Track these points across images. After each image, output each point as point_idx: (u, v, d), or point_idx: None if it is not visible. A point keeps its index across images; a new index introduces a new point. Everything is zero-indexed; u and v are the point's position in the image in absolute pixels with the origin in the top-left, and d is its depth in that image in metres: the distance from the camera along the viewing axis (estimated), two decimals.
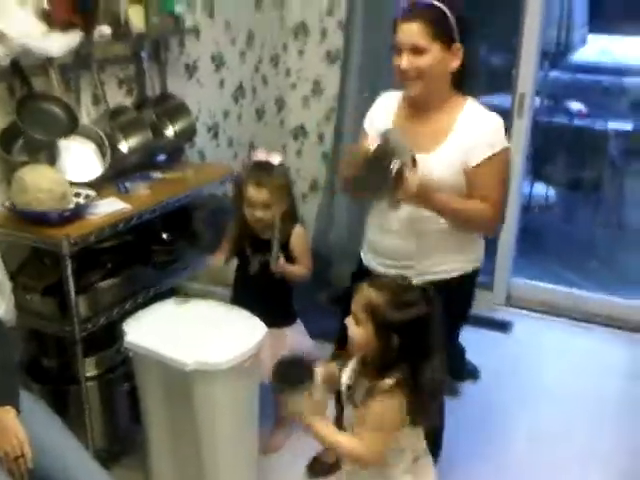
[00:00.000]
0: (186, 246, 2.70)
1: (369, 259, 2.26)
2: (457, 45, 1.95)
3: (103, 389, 2.39)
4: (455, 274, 2.11)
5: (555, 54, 5.67)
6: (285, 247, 2.43)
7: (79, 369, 2.23)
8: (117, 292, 2.35)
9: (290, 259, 2.44)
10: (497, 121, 2.00)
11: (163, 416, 2.31)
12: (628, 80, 5.73)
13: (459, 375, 3.09)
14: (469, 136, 1.96)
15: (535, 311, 3.71)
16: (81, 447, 1.85)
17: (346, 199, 3.62)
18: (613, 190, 5.12)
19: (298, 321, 2.60)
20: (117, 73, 2.68)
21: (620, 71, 5.74)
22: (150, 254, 2.59)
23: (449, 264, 2.10)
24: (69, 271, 2.08)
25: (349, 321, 1.65)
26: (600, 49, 6.42)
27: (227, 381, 2.15)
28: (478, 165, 1.96)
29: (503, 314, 3.71)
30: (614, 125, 5.00)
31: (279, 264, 2.37)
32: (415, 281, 2.07)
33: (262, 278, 2.43)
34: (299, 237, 2.47)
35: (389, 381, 1.57)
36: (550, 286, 3.87)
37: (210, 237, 2.78)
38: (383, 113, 2.16)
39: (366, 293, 1.63)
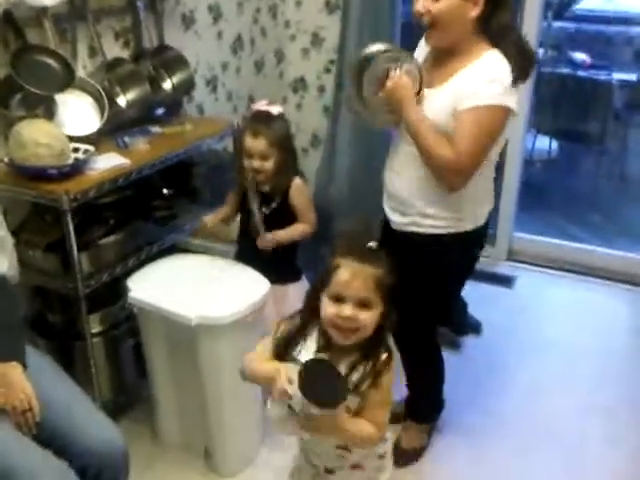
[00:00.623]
0: (186, 202, 2.68)
1: (384, 203, 2.26)
2: None
3: (108, 345, 2.39)
4: (441, 231, 2.07)
5: (559, 4, 5.55)
6: (284, 201, 2.40)
7: (84, 325, 2.23)
8: (119, 248, 2.33)
9: (290, 214, 2.41)
10: (501, 76, 1.86)
11: (168, 370, 2.32)
12: (633, 30, 5.63)
13: (461, 329, 3.10)
14: (467, 82, 1.90)
15: (537, 265, 3.70)
16: (88, 399, 1.86)
17: (348, 153, 3.59)
18: (616, 142, 5.07)
19: (303, 278, 2.59)
20: (113, 24, 2.61)
21: (624, 20, 5.63)
22: (151, 210, 2.58)
23: (428, 218, 2.06)
24: (70, 227, 2.06)
25: (354, 312, 1.50)
26: None
27: (231, 335, 2.16)
28: (461, 111, 1.88)
29: (505, 269, 3.71)
30: (618, 76, 4.92)
31: (266, 240, 2.35)
32: (410, 229, 2.11)
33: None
34: (298, 190, 2.42)
35: (384, 354, 1.56)
36: (553, 240, 3.86)
37: (210, 193, 2.76)
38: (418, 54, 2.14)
39: (368, 272, 1.50)
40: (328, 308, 1.52)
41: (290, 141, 2.44)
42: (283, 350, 1.62)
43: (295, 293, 2.53)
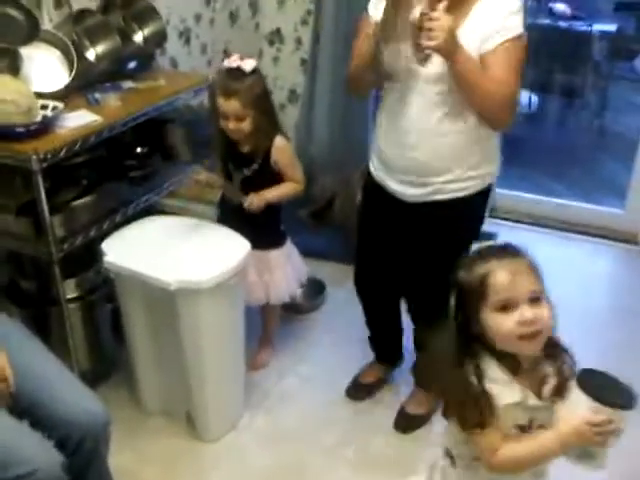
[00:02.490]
0: (162, 161, 2.59)
1: (382, 176, 2.14)
2: None
3: (85, 311, 2.32)
4: (471, 191, 2.05)
5: None
6: (266, 162, 2.31)
7: (59, 291, 2.16)
8: (93, 210, 2.25)
9: (272, 175, 2.33)
10: (517, 5, 1.88)
11: (147, 336, 2.27)
12: None
13: None
14: (490, 19, 1.85)
15: (518, 222, 3.68)
16: (65, 368, 1.80)
17: (327, 108, 3.50)
18: (596, 95, 5.03)
19: (288, 243, 2.52)
20: None
21: None
22: (125, 170, 2.48)
23: (465, 181, 2.03)
24: (41, 189, 1.97)
25: (534, 312, 1.33)
26: None
27: (212, 299, 2.10)
28: (495, 48, 1.84)
29: (487, 225, 3.66)
30: (598, 27, 4.85)
31: (252, 203, 2.26)
32: (432, 198, 2.03)
33: (245, 195, 2.32)
34: (281, 150, 2.32)
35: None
36: (533, 197, 3.83)
37: (186, 150, 2.66)
38: None
39: (523, 263, 1.37)
40: (503, 323, 1.31)
41: (267, 99, 2.31)
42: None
43: (280, 258, 2.48)
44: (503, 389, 1.35)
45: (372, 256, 2.31)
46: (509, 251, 1.37)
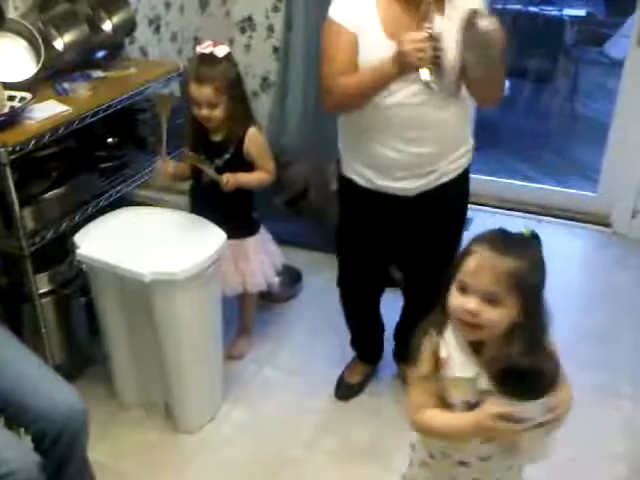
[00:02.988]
0: (133, 151, 2.56)
1: (377, 182, 2.05)
2: None
3: (58, 305, 2.28)
4: (465, 165, 2.09)
5: None
6: (238, 152, 2.29)
7: (31, 286, 2.12)
8: (64, 203, 2.21)
9: (244, 165, 2.31)
10: None
11: (123, 328, 2.24)
12: None
13: None
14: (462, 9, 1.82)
15: (492, 207, 3.69)
16: (41, 362, 1.78)
17: (300, 96, 3.47)
18: (567, 80, 5.06)
19: (262, 230, 2.51)
20: None
21: None
22: (95, 161, 2.45)
23: (462, 157, 2.06)
24: (10, 182, 1.94)
25: (477, 307, 1.32)
26: None
27: (187, 291, 2.08)
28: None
29: None
30: (568, 12, 4.88)
31: (226, 182, 2.22)
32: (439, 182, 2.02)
33: (218, 186, 2.29)
34: (253, 140, 2.30)
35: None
36: (506, 181, 3.86)
37: (158, 140, 2.63)
38: (358, 5, 1.92)
39: (500, 264, 1.31)
40: (453, 298, 1.36)
41: (240, 86, 2.29)
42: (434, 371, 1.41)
43: (255, 246, 2.46)
44: (459, 362, 1.39)
45: (363, 259, 2.27)
46: (504, 247, 1.34)
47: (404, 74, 1.79)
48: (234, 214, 2.32)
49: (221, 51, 2.21)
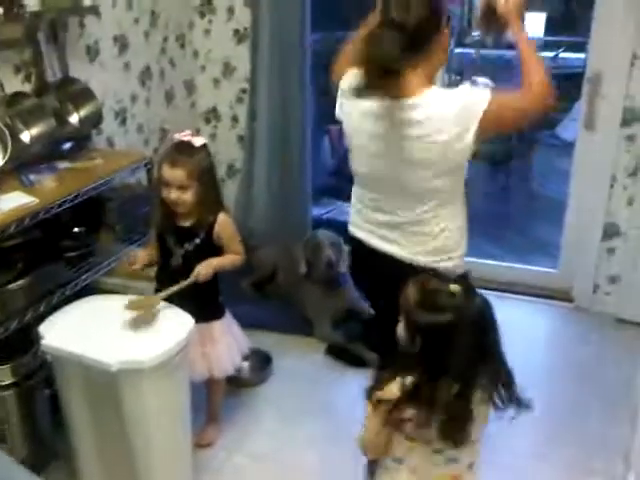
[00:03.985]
0: (100, 239, 2.57)
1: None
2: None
3: (22, 397, 2.22)
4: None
5: (459, 33, 5.74)
6: (208, 237, 2.32)
7: None
8: (29, 293, 2.20)
9: (214, 250, 2.34)
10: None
11: (89, 420, 2.18)
12: None
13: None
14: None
15: None
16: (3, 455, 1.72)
17: (265, 182, 3.55)
18: (522, 161, 5.26)
19: (227, 314, 2.50)
20: (12, 57, 2.49)
21: None
22: (61, 250, 2.45)
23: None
24: None
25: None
26: None
27: (156, 379, 2.04)
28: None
29: None
30: None
31: (199, 274, 2.26)
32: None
33: (186, 271, 2.30)
34: (224, 225, 2.33)
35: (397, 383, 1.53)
36: (469, 259, 3.91)
37: (124, 228, 2.65)
38: None
39: (408, 288, 1.56)
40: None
41: (212, 174, 2.33)
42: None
43: (221, 330, 2.45)
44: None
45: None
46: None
47: None
48: (201, 298, 2.32)
49: (198, 141, 2.28)
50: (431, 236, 1.97)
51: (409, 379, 1.51)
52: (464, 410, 1.51)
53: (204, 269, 2.27)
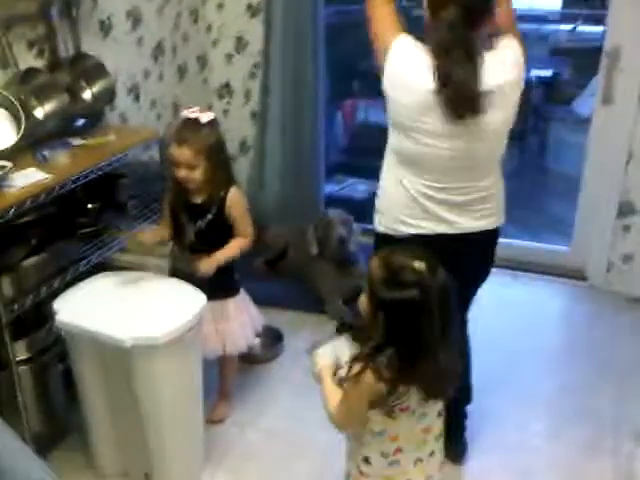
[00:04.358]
0: (113, 216, 2.58)
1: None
2: None
3: (36, 372, 2.25)
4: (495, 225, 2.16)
5: None
6: (220, 213, 2.32)
7: (9, 353, 2.09)
8: (43, 269, 2.21)
9: (227, 226, 2.34)
10: None
11: (102, 395, 2.21)
12: (546, 27, 5.79)
13: None
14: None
15: None
16: (15, 437, 1.74)
17: (278, 160, 3.55)
18: (538, 137, 5.20)
19: (242, 292, 2.51)
20: (25, 33, 2.47)
21: (538, 18, 5.78)
22: (75, 227, 2.46)
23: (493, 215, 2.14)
24: None
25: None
26: None
27: (168, 355, 2.07)
28: None
29: None
30: (535, 72, 5.05)
31: (204, 268, 2.26)
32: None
33: (199, 248, 2.31)
34: (234, 201, 2.32)
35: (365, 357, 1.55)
36: None
37: (138, 205, 2.65)
38: None
39: (370, 262, 1.59)
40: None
41: (220, 150, 2.31)
42: None
43: (236, 308, 2.46)
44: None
45: None
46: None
47: None
48: (215, 276, 2.32)
49: (205, 117, 2.25)
50: (497, 201, 2.16)
51: (381, 358, 1.52)
52: (440, 372, 1.54)
53: (206, 265, 2.27)
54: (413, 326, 1.50)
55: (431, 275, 1.51)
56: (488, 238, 2.16)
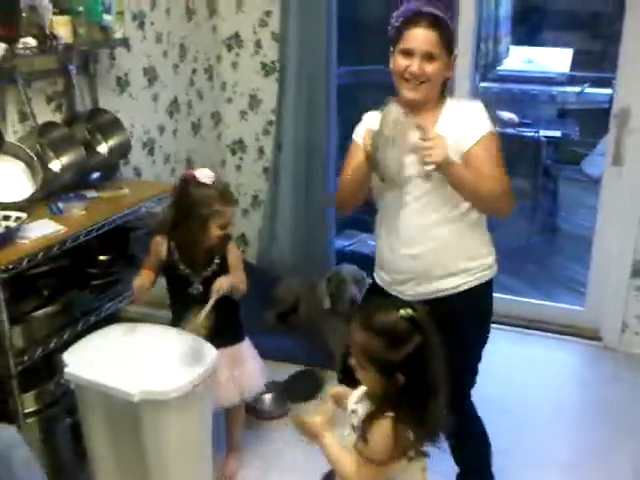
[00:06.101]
0: (125, 268, 2.57)
1: (382, 277, 2.20)
2: (454, 55, 2.04)
3: (43, 425, 2.21)
4: (469, 285, 2.08)
5: (484, 66, 5.76)
6: (224, 261, 2.35)
7: (17, 405, 2.07)
8: (54, 321, 2.21)
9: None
10: (478, 106, 2.05)
11: (110, 449, 2.17)
12: (554, 89, 5.88)
13: None
14: (455, 125, 1.99)
15: None
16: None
17: (289, 214, 3.56)
18: (548, 197, 5.22)
19: (246, 339, 2.51)
20: (45, 88, 2.53)
21: (546, 80, 5.88)
22: (87, 278, 2.46)
23: (461, 275, 2.06)
24: (1, 300, 1.93)
25: (354, 365, 1.59)
26: (525, 59, 6.57)
27: (178, 410, 2.03)
28: (472, 148, 1.97)
29: None
30: (544, 133, 5.11)
31: (219, 285, 2.26)
32: (426, 296, 2.04)
33: (206, 297, 2.30)
34: (233, 252, 2.40)
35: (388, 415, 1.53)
36: (495, 295, 3.86)
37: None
38: (372, 125, 2.06)
39: (358, 338, 1.56)
40: None
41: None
42: None
43: (248, 350, 2.46)
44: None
45: None
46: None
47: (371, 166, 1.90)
48: (224, 321, 2.31)
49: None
50: None
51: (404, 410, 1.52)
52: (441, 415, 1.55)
53: (225, 281, 2.27)
54: (426, 369, 1.51)
55: (415, 311, 1.54)
56: None
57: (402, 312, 1.53)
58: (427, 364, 1.51)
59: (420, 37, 1.96)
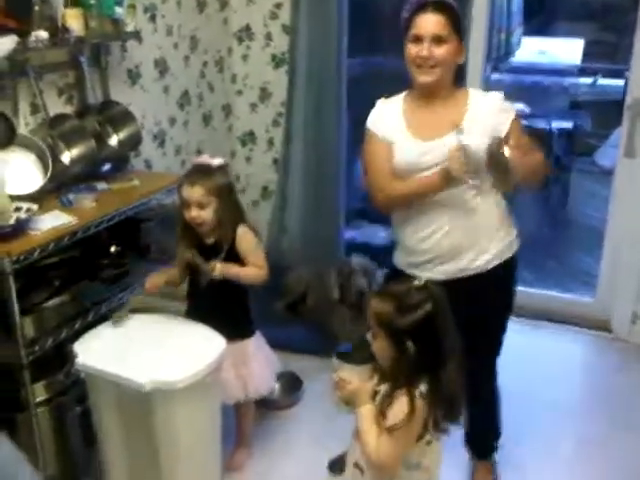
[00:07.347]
0: (135, 259, 2.60)
1: (409, 264, 2.22)
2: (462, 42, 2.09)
3: (54, 414, 2.24)
4: (499, 261, 2.19)
5: (496, 57, 5.74)
6: (231, 250, 2.33)
7: (28, 395, 2.09)
8: (65, 311, 2.22)
9: (241, 263, 2.34)
10: (500, 95, 2.13)
11: (119, 438, 2.20)
12: (566, 80, 5.85)
13: None
14: (486, 114, 2.06)
15: None
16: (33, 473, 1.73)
17: (298, 204, 3.57)
18: (560, 188, 5.20)
19: (257, 333, 2.50)
20: (56, 80, 2.55)
21: (558, 71, 5.85)
22: (98, 269, 2.48)
23: (492, 251, 2.17)
24: (12, 291, 1.95)
25: (369, 336, 1.64)
26: (537, 50, 6.54)
27: (187, 400, 2.05)
28: (508, 131, 2.04)
29: None
30: (556, 124, 5.08)
31: (216, 269, 2.27)
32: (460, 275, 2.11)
33: (215, 289, 2.32)
34: (243, 236, 2.34)
35: (410, 392, 1.55)
36: None
37: (160, 248, 2.67)
38: (388, 116, 2.17)
39: (372, 305, 1.62)
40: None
41: (230, 192, 2.35)
42: None
43: (254, 349, 2.45)
44: None
45: None
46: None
47: (450, 186, 1.98)
48: (231, 315, 2.32)
49: (216, 161, 2.33)
50: None
51: (422, 387, 1.55)
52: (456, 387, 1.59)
53: (222, 267, 2.28)
54: (438, 340, 1.55)
55: (431, 284, 1.60)
56: None
57: (415, 282, 1.59)
58: (437, 334, 1.55)
59: (428, 21, 2.01)
